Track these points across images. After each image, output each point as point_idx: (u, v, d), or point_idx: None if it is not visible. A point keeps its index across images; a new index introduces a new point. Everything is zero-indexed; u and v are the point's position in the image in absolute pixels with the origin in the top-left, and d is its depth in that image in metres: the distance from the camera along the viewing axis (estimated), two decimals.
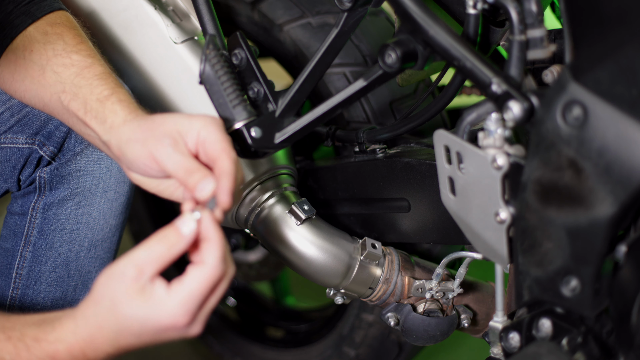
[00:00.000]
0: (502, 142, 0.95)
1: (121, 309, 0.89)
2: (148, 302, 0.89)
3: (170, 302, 0.88)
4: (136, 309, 0.89)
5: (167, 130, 0.99)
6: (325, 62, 1.15)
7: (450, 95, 1.19)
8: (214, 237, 0.91)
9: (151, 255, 0.89)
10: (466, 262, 1.21)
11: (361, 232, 1.37)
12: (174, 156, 0.97)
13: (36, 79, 1.11)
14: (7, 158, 1.24)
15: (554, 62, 1.16)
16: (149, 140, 0.99)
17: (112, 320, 0.90)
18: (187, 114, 1.01)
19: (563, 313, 0.96)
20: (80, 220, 1.25)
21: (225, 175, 0.95)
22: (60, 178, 1.24)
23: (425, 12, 1.01)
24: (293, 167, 1.36)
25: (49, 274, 1.26)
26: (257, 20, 1.51)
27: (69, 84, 1.08)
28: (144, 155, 0.99)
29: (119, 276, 0.89)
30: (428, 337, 1.28)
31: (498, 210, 0.96)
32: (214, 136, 0.98)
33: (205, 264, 0.90)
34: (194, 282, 0.89)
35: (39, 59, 1.11)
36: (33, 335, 0.92)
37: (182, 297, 0.89)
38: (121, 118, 1.04)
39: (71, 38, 1.13)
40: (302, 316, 1.94)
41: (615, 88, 0.86)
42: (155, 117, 1.02)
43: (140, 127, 1.01)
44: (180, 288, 0.89)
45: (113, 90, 1.07)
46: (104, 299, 0.90)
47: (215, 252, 0.90)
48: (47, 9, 1.15)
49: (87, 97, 1.07)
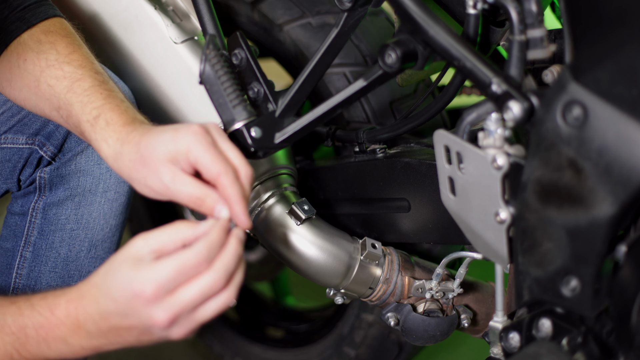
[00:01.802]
0: (502, 142, 0.95)
1: (114, 271, 0.91)
2: (134, 270, 0.90)
3: (147, 272, 0.89)
4: (124, 274, 0.90)
5: (159, 162, 0.98)
6: (325, 62, 1.15)
7: (450, 95, 1.19)
8: (208, 236, 0.92)
9: (160, 235, 0.92)
10: (466, 262, 1.21)
11: (361, 232, 1.37)
12: (179, 190, 0.98)
13: (32, 90, 1.12)
14: (7, 158, 1.24)
15: (554, 62, 1.16)
16: (148, 180, 0.99)
17: (103, 279, 0.92)
18: (172, 131, 0.99)
19: (563, 313, 0.96)
20: (80, 221, 1.25)
21: (233, 201, 0.96)
22: (61, 178, 1.24)
23: (425, 12, 1.01)
24: (293, 167, 1.36)
25: (49, 274, 1.26)
26: (257, 20, 1.51)
27: (62, 99, 1.08)
28: (150, 193, 1.01)
29: (128, 245, 0.92)
30: (428, 337, 1.28)
31: (498, 210, 0.96)
32: (207, 158, 0.97)
33: (191, 249, 0.90)
34: (171, 261, 0.89)
35: (32, 69, 1.11)
36: (40, 295, 0.95)
37: (156, 271, 0.89)
38: (112, 149, 1.03)
39: (64, 47, 1.12)
40: (302, 316, 1.94)
41: (615, 88, 0.86)
42: (142, 147, 1.00)
43: (133, 164, 1.00)
44: (159, 264, 0.90)
45: (100, 109, 1.05)
46: (108, 263, 0.93)
47: (202, 243, 0.91)
48: (42, 15, 1.14)
49: (80, 117, 1.07)
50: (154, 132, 1.00)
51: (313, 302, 2.01)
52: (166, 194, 0.99)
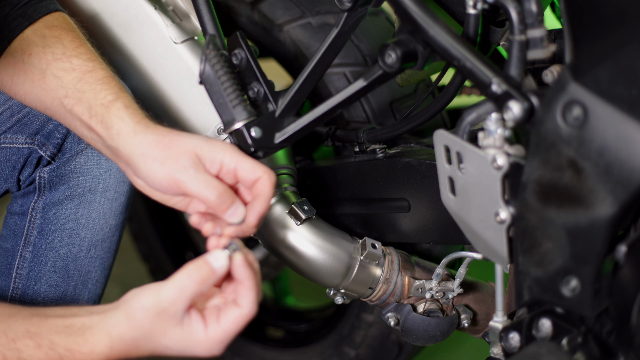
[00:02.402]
0: (502, 142, 0.95)
1: (160, 340, 0.94)
2: (185, 334, 0.94)
3: (208, 338, 0.94)
4: (175, 340, 0.94)
5: (186, 150, 1.00)
6: (325, 62, 1.15)
7: (450, 95, 1.19)
8: (248, 280, 0.96)
9: (184, 293, 0.93)
10: (466, 262, 1.21)
11: (361, 232, 1.37)
12: (199, 179, 0.99)
13: (37, 82, 1.11)
14: (7, 158, 1.24)
15: (554, 62, 1.16)
16: (168, 160, 1.00)
17: (151, 346, 0.95)
18: (206, 137, 1.03)
19: (563, 313, 0.96)
20: (80, 220, 1.25)
21: (263, 199, 1.00)
22: (60, 178, 1.24)
23: (425, 12, 1.01)
24: (293, 167, 1.36)
25: (48, 274, 1.26)
26: (257, 20, 1.51)
27: (71, 88, 1.08)
28: (162, 175, 1.00)
29: (156, 311, 0.93)
30: (428, 337, 1.28)
31: (498, 210, 0.96)
32: (248, 163, 1.01)
33: (241, 307, 0.95)
34: (230, 323, 0.95)
35: (38, 62, 1.11)
36: (65, 346, 0.94)
37: (219, 335, 0.95)
38: (130, 127, 1.03)
39: (70, 41, 1.12)
40: (302, 316, 1.94)
41: (615, 88, 0.86)
42: (171, 133, 1.02)
43: (156, 143, 1.01)
44: (219, 328, 0.95)
45: (117, 95, 1.07)
46: (143, 329, 0.94)
47: (250, 296, 0.95)
48: (44, 10, 1.14)
49: (91, 102, 1.06)
50: (183, 132, 1.03)
51: (313, 302, 2.01)
52: (179, 177, 0.99)
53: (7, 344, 0.94)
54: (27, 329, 0.95)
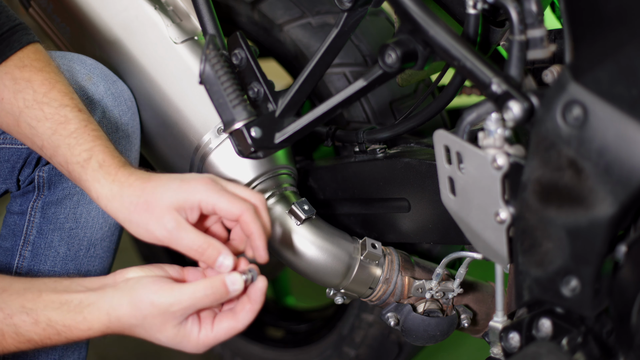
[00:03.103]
0: (502, 142, 0.95)
1: (155, 333, 0.99)
2: (180, 334, 0.99)
3: (199, 341, 1.00)
4: (169, 336, 0.99)
5: (165, 210, 1.01)
6: (325, 62, 1.15)
7: (450, 95, 1.19)
8: (257, 304, 1.02)
9: (195, 305, 0.98)
10: (466, 262, 1.21)
11: (361, 232, 1.37)
12: (182, 238, 1.01)
13: (12, 128, 1.11)
14: (6, 159, 1.23)
15: (554, 62, 1.15)
16: (149, 224, 1.02)
17: (144, 335, 0.99)
18: (179, 181, 1.03)
19: (563, 313, 0.96)
20: (79, 219, 1.25)
21: (256, 235, 1.03)
22: (59, 177, 1.24)
23: (425, 12, 1.01)
24: (293, 167, 1.36)
25: (48, 273, 1.26)
26: (257, 20, 1.51)
27: (46, 139, 1.08)
28: (149, 237, 1.03)
29: (163, 311, 0.97)
30: (428, 337, 1.28)
31: (498, 210, 0.96)
32: (224, 203, 1.02)
33: (238, 321, 1.01)
34: (223, 332, 1.00)
35: (10, 108, 1.10)
36: (62, 322, 0.97)
37: (209, 340, 1.00)
38: (107, 189, 1.03)
39: (39, 84, 1.10)
40: (302, 316, 1.94)
41: (615, 88, 0.86)
42: (145, 191, 1.02)
43: (134, 207, 1.02)
44: (211, 335, 1.00)
45: (91, 151, 1.06)
46: (145, 320, 0.97)
47: (250, 317, 1.01)
48: (17, 45, 1.11)
49: (68, 158, 1.07)
50: (159, 178, 1.04)
51: (313, 302, 2.01)
52: (166, 240, 1.02)
53: (4, 319, 0.97)
54: (22, 305, 0.97)
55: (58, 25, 1.42)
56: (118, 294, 0.97)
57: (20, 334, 0.97)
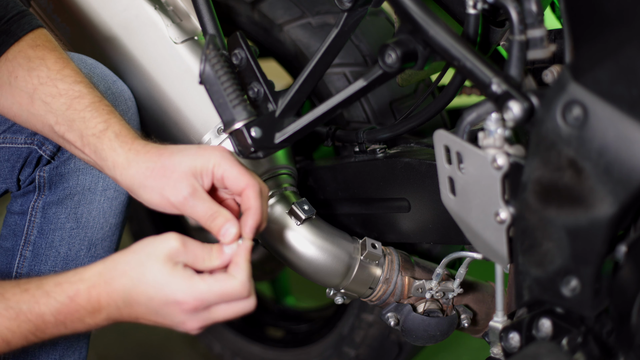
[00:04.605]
0: (502, 142, 0.95)
1: (149, 268, 0.95)
2: (172, 276, 0.95)
3: (189, 285, 0.95)
4: (161, 275, 0.95)
5: (182, 176, 1.02)
6: (325, 62, 1.15)
7: (450, 95, 1.19)
8: (243, 262, 0.99)
9: (195, 252, 0.97)
10: (466, 262, 1.21)
11: (361, 232, 1.37)
12: (196, 205, 1.02)
13: (25, 106, 1.12)
14: (6, 158, 1.24)
15: (554, 62, 1.16)
16: (166, 189, 1.02)
17: (137, 272, 0.96)
18: (196, 148, 1.04)
19: (563, 313, 0.96)
20: (79, 219, 1.25)
21: (252, 213, 1.02)
22: (60, 177, 1.24)
23: (425, 12, 1.01)
24: (293, 167, 1.36)
25: (48, 273, 1.26)
26: (257, 20, 1.51)
27: (61, 115, 1.09)
28: (163, 203, 1.03)
29: (164, 242, 0.96)
30: (428, 337, 1.28)
31: (498, 210, 0.96)
32: (234, 172, 1.03)
33: (235, 278, 0.97)
34: (217, 284, 0.96)
35: (25, 86, 1.11)
36: (53, 282, 0.97)
37: (200, 288, 0.95)
38: (123, 157, 1.05)
39: (53, 62, 1.12)
40: (302, 316, 1.94)
41: (615, 88, 0.86)
42: (162, 157, 1.03)
43: (150, 172, 1.03)
44: (202, 282, 0.96)
45: (107, 122, 1.07)
46: (140, 254, 0.96)
47: (243, 273, 0.98)
48: (27, 27, 1.13)
49: (83, 131, 1.07)
50: (175, 146, 1.05)
51: (313, 302, 2.01)
52: (180, 206, 1.02)
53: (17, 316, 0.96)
54: (17, 282, 0.98)
55: (58, 25, 1.42)
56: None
57: (9, 307, 0.97)
